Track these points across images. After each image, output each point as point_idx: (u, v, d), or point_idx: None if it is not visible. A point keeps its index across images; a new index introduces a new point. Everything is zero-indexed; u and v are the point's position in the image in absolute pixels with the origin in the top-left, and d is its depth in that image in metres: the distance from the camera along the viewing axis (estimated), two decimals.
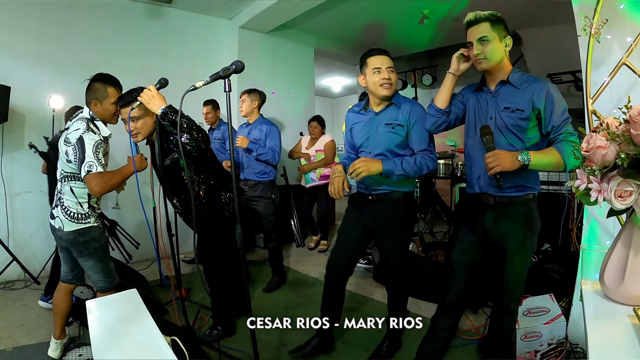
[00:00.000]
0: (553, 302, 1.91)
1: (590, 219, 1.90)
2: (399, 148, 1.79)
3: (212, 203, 2.05)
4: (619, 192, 0.79)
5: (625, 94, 1.69)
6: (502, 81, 1.49)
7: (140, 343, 0.97)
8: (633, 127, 0.77)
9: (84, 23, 3.44)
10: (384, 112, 1.82)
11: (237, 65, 1.46)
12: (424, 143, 1.77)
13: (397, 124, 1.78)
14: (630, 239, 0.87)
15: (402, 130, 1.78)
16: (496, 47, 1.44)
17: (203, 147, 1.76)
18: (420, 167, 1.72)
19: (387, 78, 1.76)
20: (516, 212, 1.50)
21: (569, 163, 1.36)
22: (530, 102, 1.42)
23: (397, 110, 1.80)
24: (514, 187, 1.49)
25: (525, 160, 1.34)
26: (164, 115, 1.69)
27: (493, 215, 1.53)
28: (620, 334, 0.78)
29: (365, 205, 1.87)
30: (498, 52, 1.45)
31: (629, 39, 1.69)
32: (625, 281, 0.86)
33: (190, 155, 1.81)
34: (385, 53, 1.83)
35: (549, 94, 1.40)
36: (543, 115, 1.42)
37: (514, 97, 1.45)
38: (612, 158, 0.80)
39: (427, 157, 1.75)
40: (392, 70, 1.79)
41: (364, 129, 1.87)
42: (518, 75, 1.47)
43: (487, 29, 1.43)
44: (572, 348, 1.84)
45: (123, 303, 1.20)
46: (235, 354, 2.00)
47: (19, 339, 2.20)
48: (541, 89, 1.41)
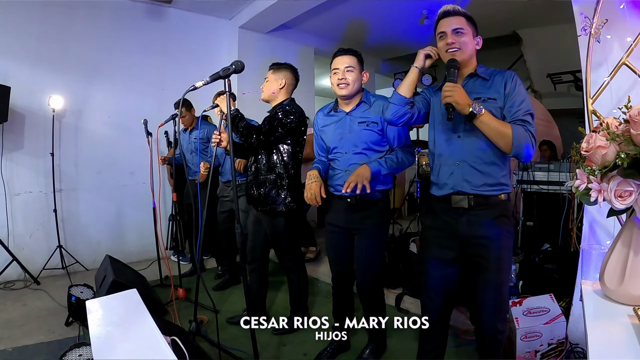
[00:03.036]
0: (553, 302, 1.91)
1: (590, 219, 1.90)
2: (376, 145, 1.79)
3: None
4: (619, 192, 0.79)
5: (625, 94, 1.69)
6: (470, 74, 1.46)
7: (140, 343, 0.97)
8: (633, 127, 0.77)
9: (84, 23, 3.45)
10: (355, 111, 1.82)
11: (237, 65, 1.46)
12: (402, 139, 1.79)
13: (370, 121, 1.78)
14: (630, 239, 0.87)
15: (376, 127, 1.77)
16: (469, 40, 1.43)
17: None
18: (402, 163, 1.75)
19: (342, 78, 1.75)
20: (492, 214, 1.39)
21: (516, 143, 1.29)
22: (503, 89, 1.39)
23: (369, 107, 1.81)
24: (491, 185, 1.39)
25: (475, 109, 1.29)
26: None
27: (467, 219, 1.41)
28: (620, 334, 0.79)
29: (343, 208, 1.85)
30: (470, 46, 1.44)
31: (629, 39, 1.68)
32: (625, 281, 0.86)
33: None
34: (348, 53, 1.79)
35: (515, 83, 1.38)
36: (505, 100, 1.38)
37: (485, 88, 1.42)
38: (612, 158, 0.80)
39: (407, 152, 1.79)
40: (352, 70, 1.76)
41: (337, 130, 1.85)
42: (484, 70, 1.47)
43: (463, 23, 1.42)
44: (572, 348, 1.84)
45: (123, 303, 1.20)
46: (235, 354, 2.00)
47: (19, 339, 2.20)
48: (507, 78, 1.40)
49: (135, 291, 1.23)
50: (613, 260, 0.90)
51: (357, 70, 1.77)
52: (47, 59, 3.29)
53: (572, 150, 0.96)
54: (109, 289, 2.23)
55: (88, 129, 3.55)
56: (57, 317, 2.45)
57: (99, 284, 2.48)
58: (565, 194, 3.01)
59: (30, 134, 3.25)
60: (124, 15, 3.67)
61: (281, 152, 2.11)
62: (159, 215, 2.91)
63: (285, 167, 2.11)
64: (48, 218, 3.29)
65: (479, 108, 1.30)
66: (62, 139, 3.40)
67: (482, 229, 1.40)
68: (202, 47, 4.21)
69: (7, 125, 3.06)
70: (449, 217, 1.45)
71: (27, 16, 3.17)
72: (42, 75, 3.27)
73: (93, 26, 3.50)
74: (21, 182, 3.23)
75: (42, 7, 3.22)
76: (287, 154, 2.11)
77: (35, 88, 3.22)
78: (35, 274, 3.08)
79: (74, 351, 1.65)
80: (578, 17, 1.82)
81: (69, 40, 3.38)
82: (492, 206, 1.40)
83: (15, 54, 3.14)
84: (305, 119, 2.17)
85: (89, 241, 3.55)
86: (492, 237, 1.39)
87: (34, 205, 3.28)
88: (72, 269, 3.28)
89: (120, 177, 3.73)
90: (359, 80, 1.78)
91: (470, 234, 1.41)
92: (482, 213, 1.40)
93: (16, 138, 3.20)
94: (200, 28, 4.20)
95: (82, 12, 3.42)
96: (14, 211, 3.18)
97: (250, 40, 4.38)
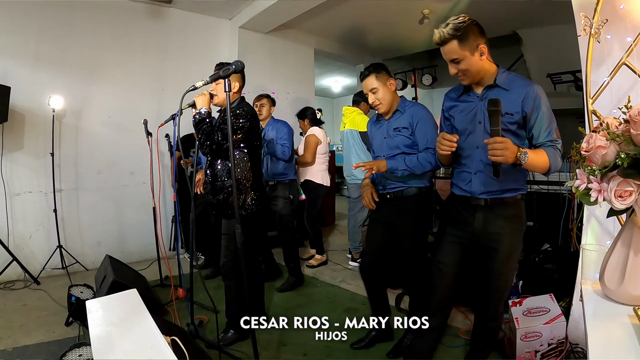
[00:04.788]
0: (553, 302, 1.91)
1: (590, 219, 1.90)
2: (408, 148, 1.93)
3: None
4: (619, 192, 0.79)
5: (625, 94, 1.69)
6: (488, 86, 1.44)
7: (140, 343, 0.97)
8: (633, 127, 0.77)
9: (84, 23, 3.45)
10: (392, 119, 2.00)
11: (237, 65, 1.46)
12: (427, 142, 1.89)
13: (402, 127, 1.95)
14: (630, 239, 0.87)
15: (407, 131, 1.93)
16: (469, 62, 1.38)
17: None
18: (423, 164, 1.85)
19: (373, 101, 1.97)
20: (507, 212, 1.48)
21: (553, 169, 1.35)
22: (520, 105, 1.38)
23: (402, 115, 1.97)
24: (507, 189, 1.47)
25: (523, 160, 1.28)
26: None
27: (483, 216, 1.50)
28: (620, 334, 0.79)
29: (385, 204, 2.00)
30: (474, 66, 1.39)
31: (629, 39, 1.68)
32: (625, 281, 0.86)
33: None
34: (367, 75, 1.96)
35: (537, 99, 1.37)
36: (529, 119, 1.39)
37: (504, 100, 1.34)
38: (612, 158, 0.80)
39: (430, 154, 1.86)
40: (376, 90, 1.95)
41: (379, 136, 2.06)
42: (505, 76, 1.43)
43: (455, 49, 1.37)
44: (572, 348, 1.84)
45: (123, 303, 1.20)
46: (235, 354, 2.00)
47: (19, 339, 2.20)
48: (528, 93, 1.37)
49: (135, 291, 1.23)
50: (613, 260, 0.90)
51: (382, 86, 1.94)
52: (47, 59, 3.29)
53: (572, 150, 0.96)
54: (109, 289, 2.23)
55: (88, 129, 3.55)
56: (57, 317, 2.45)
57: (99, 284, 2.48)
58: (566, 194, 3.01)
59: (30, 134, 3.25)
60: (124, 15, 3.67)
61: (236, 156, 2.04)
62: (159, 215, 2.91)
63: (243, 170, 2.05)
64: (48, 218, 3.29)
65: (524, 157, 1.28)
66: (62, 139, 3.40)
67: (496, 225, 1.48)
68: (202, 47, 4.21)
69: (7, 125, 3.06)
70: (467, 212, 1.54)
71: (26, 16, 3.17)
72: (42, 75, 3.26)
73: (93, 26, 3.50)
74: (21, 182, 3.23)
75: (41, 8, 3.22)
76: (244, 157, 2.06)
77: (35, 88, 3.22)
78: (35, 274, 3.08)
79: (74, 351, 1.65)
80: (578, 17, 1.82)
81: (69, 40, 3.38)
82: (507, 205, 1.48)
83: (15, 54, 3.14)
84: (256, 117, 2.13)
85: (89, 241, 3.55)
86: (504, 233, 1.48)
87: (34, 205, 3.28)
88: (72, 269, 3.28)
89: (120, 177, 3.73)
90: (387, 94, 1.95)
91: (484, 229, 1.50)
92: (496, 211, 1.48)
93: (16, 138, 3.20)
94: (200, 28, 4.20)
95: (82, 12, 3.42)
96: (14, 211, 3.18)
97: (250, 40, 4.39)
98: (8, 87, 2.95)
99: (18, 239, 3.19)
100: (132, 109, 3.65)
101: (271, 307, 2.66)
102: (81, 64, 3.46)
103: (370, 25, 4.73)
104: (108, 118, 3.63)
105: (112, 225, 3.70)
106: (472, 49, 1.37)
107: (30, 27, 3.20)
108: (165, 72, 3.91)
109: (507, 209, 1.48)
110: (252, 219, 2.10)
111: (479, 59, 1.39)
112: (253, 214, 2.09)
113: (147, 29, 3.83)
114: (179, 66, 3.98)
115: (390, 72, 2.00)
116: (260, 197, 2.12)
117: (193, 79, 1.53)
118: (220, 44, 4.36)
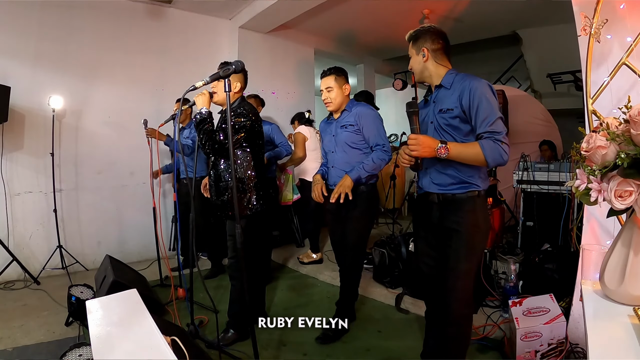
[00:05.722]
0: (553, 302, 1.91)
1: (590, 219, 1.90)
2: (353, 143, 2.15)
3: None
4: (619, 192, 0.79)
5: (625, 94, 1.69)
6: (437, 86, 1.56)
7: (140, 343, 0.97)
8: (633, 127, 0.77)
9: (84, 23, 3.45)
10: (340, 118, 2.22)
11: (237, 65, 1.46)
12: (375, 138, 2.11)
13: (349, 124, 2.15)
14: (630, 239, 0.87)
15: (353, 128, 2.14)
16: (416, 61, 1.58)
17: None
18: (379, 163, 2.07)
19: (325, 98, 2.18)
20: (461, 208, 1.51)
21: (490, 160, 1.37)
22: (458, 100, 1.45)
23: (349, 113, 2.18)
24: (456, 183, 1.51)
25: (441, 154, 1.37)
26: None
27: (439, 212, 1.55)
28: (620, 334, 0.78)
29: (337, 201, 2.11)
30: (417, 67, 1.58)
31: (629, 39, 1.68)
32: (625, 281, 0.86)
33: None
34: (327, 74, 2.18)
35: (473, 91, 1.41)
36: (469, 112, 1.43)
37: (446, 98, 1.50)
38: (612, 158, 0.80)
39: (381, 151, 2.08)
40: (331, 89, 2.15)
41: (328, 134, 2.27)
42: (448, 77, 1.52)
43: (409, 48, 1.59)
44: (572, 348, 1.84)
45: (123, 303, 1.20)
46: (235, 354, 2.00)
47: (19, 339, 2.20)
48: (465, 87, 1.43)
49: (135, 291, 1.23)
50: (613, 260, 0.90)
51: (337, 87, 2.15)
52: (47, 59, 3.29)
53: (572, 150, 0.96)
54: (109, 289, 2.23)
55: (88, 129, 3.55)
56: (57, 317, 2.45)
57: (99, 284, 2.48)
58: (565, 194, 3.02)
59: (30, 134, 3.25)
60: (124, 15, 3.67)
61: (239, 156, 2.05)
62: (159, 215, 2.91)
63: (246, 169, 2.05)
64: (48, 218, 3.29)
65: (445, 151, 1.37)
66: (62, 139, 3.39)
67: (450, 221, 1.53)
68: (202, 47, 4.21)
69: (7, 125, 3.05)
70: (426, 209, 1.62)
71: (26, 16, 3.17)
72: (42, 75, 3.27)
73: (93, 26, 3.50)
74: (21, 182, 3.23)
75: (41, 7, 3.22)
76: (247, 156, 2.05)
77: (35, 88, 3.22)
78: (35, 274, 3.08)
79: (74, 351, 1.65)
80: (578, 17, 1.81)
81: (69, 40, 3.38)
82: (460, 202, 1.52)
83: (15, 54, 3.14)
84: (257, 115, 2.12)
85: (89, 241, 3.55)
86: (458, 229, 1.51)
87: (34, 205, 3.28)
88: (72, 269, 3.28)
89: (120, 177, 3.73)
90: (340, 96, 2.17)
91: (440, 224, 1.56)
92: (450, 207, 1.53)
93: (16, 138, 3.19)
94: (200, 28, 4.20)
95: (82, 12, 3.42)
96: (14, 211, 3.18)
97: (250, 40, 4.39)
98: (8, 87, 2.95)
99: (18, 239, 3.19)
100: (132, 109, 3.65)
101: (271, 307, 2.66)
102: (81, 64, 3.46)
103: (370, 25, 4.73)
104: (108, 118, 3.63)
105: (112, 225, 3.70)
106: (418, 52, 1.57)
107: (30, 27, 3.20)
108: (165, 72, 3.91)
109: (461, 205, 1.51)
110: (258, 219, 2.10)
111: (421, 60, 1.56)
112: (258, 214, 2.09)
113: (147, 29, 3.83)
114: (179, 66, 3.97)
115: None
116: (264, 196, 2.11)
117: (193, 79, 1.53)
118: (220, 44, 4.36)
